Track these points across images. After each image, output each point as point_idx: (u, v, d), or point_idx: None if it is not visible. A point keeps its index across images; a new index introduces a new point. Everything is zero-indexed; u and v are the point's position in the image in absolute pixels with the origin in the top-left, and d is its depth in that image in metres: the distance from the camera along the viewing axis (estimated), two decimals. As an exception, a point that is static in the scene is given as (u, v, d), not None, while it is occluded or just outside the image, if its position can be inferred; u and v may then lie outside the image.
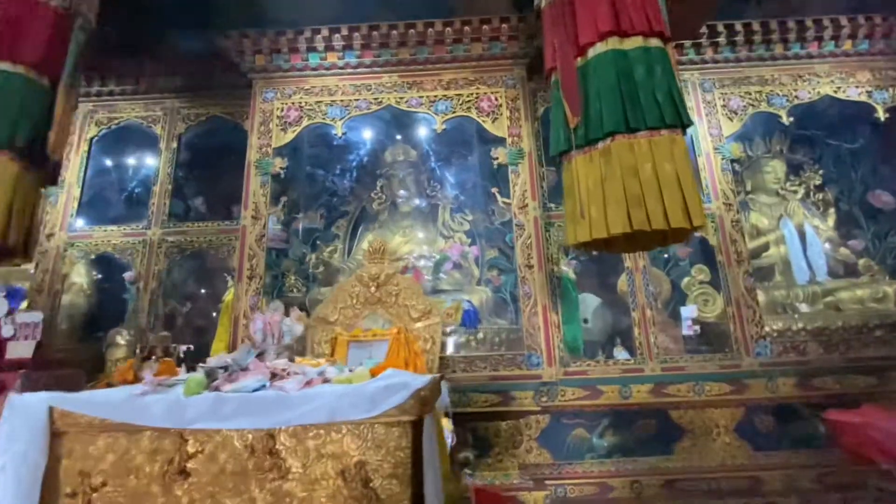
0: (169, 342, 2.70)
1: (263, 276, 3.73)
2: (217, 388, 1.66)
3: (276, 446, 1.53)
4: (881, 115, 4.07)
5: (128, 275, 4.24)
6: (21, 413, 1.57)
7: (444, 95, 4.05)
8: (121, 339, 2.91)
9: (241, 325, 3.53)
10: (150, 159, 4.74)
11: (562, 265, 3.82)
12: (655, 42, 2.26)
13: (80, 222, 4.31)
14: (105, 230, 4.26)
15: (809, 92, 4.15)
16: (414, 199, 4.80)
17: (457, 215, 4.74)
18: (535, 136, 3.99)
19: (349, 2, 4.05)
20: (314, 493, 1.49)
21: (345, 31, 3.99)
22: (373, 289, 3.06)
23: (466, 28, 3.96)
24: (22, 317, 2.93)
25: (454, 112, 4.01)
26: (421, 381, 1.61)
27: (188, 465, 1.54)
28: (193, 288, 4.90)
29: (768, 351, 3.56)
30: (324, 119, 4.04)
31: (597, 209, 2.24)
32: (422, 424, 1.56)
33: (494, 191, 4.14)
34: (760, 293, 3.80)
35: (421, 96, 4.06)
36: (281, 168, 3.98)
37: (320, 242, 4.74)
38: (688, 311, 3.82)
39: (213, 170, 4.83)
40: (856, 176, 4.67)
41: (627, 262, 3.80)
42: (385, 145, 4.84)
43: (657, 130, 2.18)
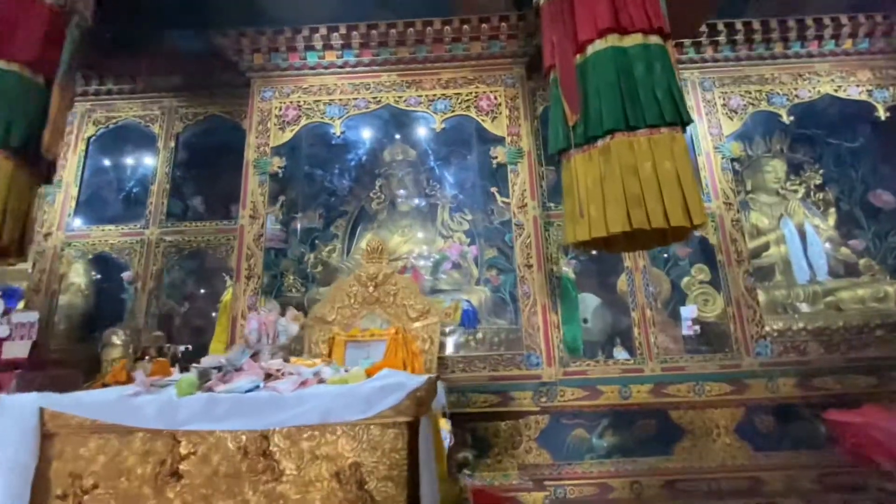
0: (163, 342, 2.68)
1: (261, 276, 3.71)
2: (210, 389, 1.64)
3: (270, 448, 1.51)
4: (882, 114, 4.05)
5: (126, 275, 4.22)
6: (11, 414, 1.55)
7: (443, 94, 4.03)
8: (116, 340, 2.89)
9: (240, 325, 3.51)
10: (147, 159, 4.72)
11: (561, 265, 3.80)
12: (655, 39, 2.24)
13: (77, 222, 4.29)
14: (103, 230, 4.24)
15: (810, 91, 4.13)
16: (413, 199, 4.78)
17: (456, 215, 4.72)
18: (534, 136, 3.97)
19: (348, 0, 4.03)
20: (308, 495, 1.47)
21: (343, 30, 3.98)
22: (371, 288, 3.04)
23: (465, 27, 3.94)
24: (18, 317, 2.91)
25: (453, 111, 3.99)
26: (417, 381, 1.59)
27: (181, 466, 1.51)
28: (192, 288, 4.89)
29: (769, 351, 3.55)
30: (322, 118, 4.02)
31: (596, 208, 2.22)
32: (418, 425, 1.54)
33: (493, 190, 4.13)
34: (761, 293, 3.79)
35: (420, 95, 4.04)
36: (279, 167, 3.96)
37: (319, 242, 4.72)
38: (688, 310, 3.81)
39: (211, 169, 4.82)
40: (856, 175, 4.66)
41: (627, 262, 3.78)
42: (384, 144, 4.82)
43: (657, 128, 2.16)
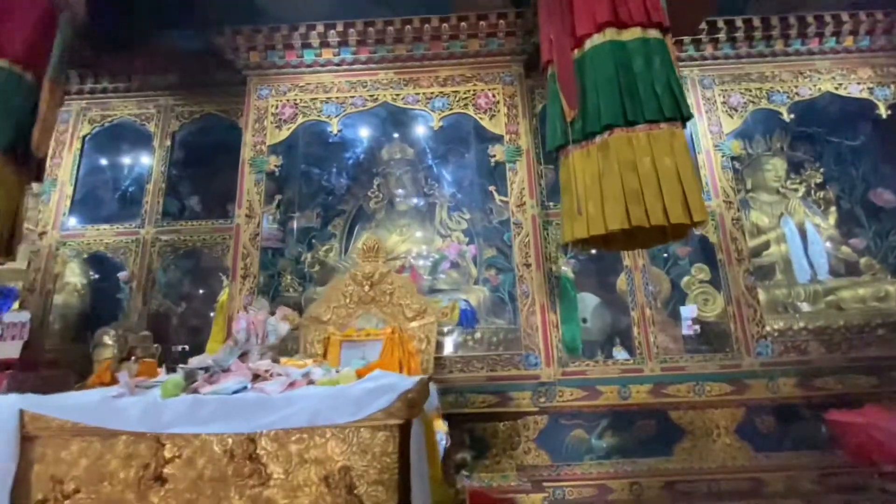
0: (150, 342, 2.64)
1: (258, 276, 3.68)
2: (196, 390, 1.60)
3: (257, 451, 1.47)
4: (882, 111, 4.03)
5: (122, 274, 4.19)
6: (-10, 416, 1.50)
7: (441, 92, 4.00)
8: (108, 340, 2.85)
9: (235, 325, 3.48)
10: (143, 157, 4.69)
11: (560, 264, 3.77)
12: (654, 33, 2.22)
13: (72, 221, 4.26)
14: (98, 229, 4.20)
15: (810, 89, 4.10)
16: (411, 198, 4.75)
17: (454, 214, 4.69)
18: (532, 134, 3.94)
19: (345, -3, 4.01)
20: (296, 499, 1.43)
21: (340, 28, 3.95)
22: (367, 288, 3.00)
23: (463, 24, 3.91)
24: (9, 317, 2.88)
25: (451, 109, 3.96)
26: (408, 382, 1.55)
27: (165, 470, 1.47)
28: (189, 287, 4.86)
29: (769, 350, 3.52)
30: (319, 116, 3.99)
31: (594, 205, 2.19)
32: (409, 428, 1.51)
33: (492, 189, 4.10)
34: (761, 292, 3.76)
35: (417, 93, 4.01)
36: (276, 166, 3.93)
37: (316, 242, 4.69)
38: (688, 310, 3.78)
39: (207, 168, 4.78)
40: (857, 174, 4.64)
41: (626, 261, 3.75)
42: (381, 143, 4.79)
43: (656, 124, 2.13)
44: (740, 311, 3.61)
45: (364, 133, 4.74)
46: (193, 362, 1.70)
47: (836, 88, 4.10)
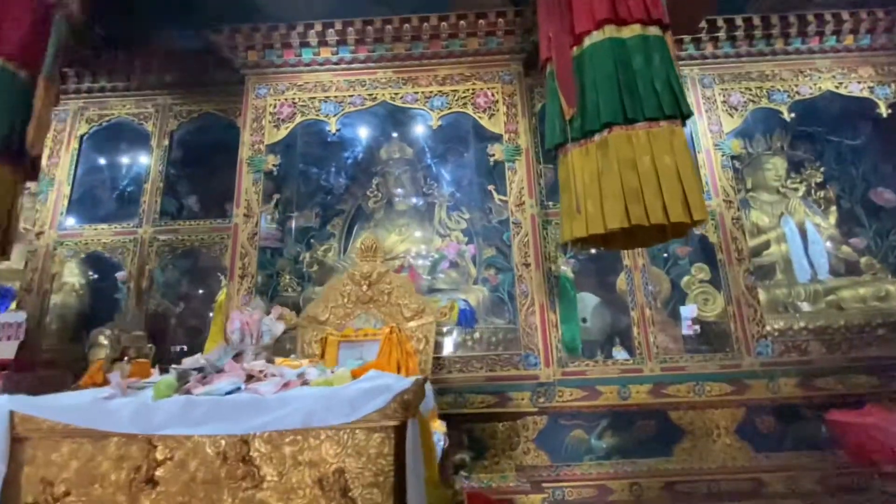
0: (144, 342, 2.61)
1: (255, 275, 3.66)
2: (189, 391, 1.58)
3: (250, 453, 1.45)
4: (883, 110, 4.01)
5: (120, 274, 4.18)
6: (-21, 418, 1.48)
7: (440, 91, 3.98)
8: (103, 340, 2.84)
9: (233, 325, 3.46)
10: (141, 157, 4.67)
11: (560, 264, 3.76)
12: (654, 30, 2.20)
13: (70, 221, 4.24)
14: (95, 228, 4.19)
15: (811, 87, 4.09)
16: (410, 198, 4.73)
17: (453, 213, 4.67)
18: (532, 133, 3.93)
19: (343, -4, 3.99)
20: (290, 502, 1.41)
21: (338, 26, 3.93)
22: (365, 287, 2.99)
23: (462, 23, 3.90)
24: (4, 317, 2.86)
25: (450, 108, 3.95)
26: (404, 383, 1.53)
27: (157, 473, 1.45)
28: (187, 287, 4.84)
29: (769, 350, 3.50)
30: (317, 115, 3.98)
31: (593, 204, 2.17)
32: (405, 429, 1.48)
33: (491, 188, 4.08)
34: (761, 292, 3.74)
35: (416, 92, 3.99)
36: (274, 165, 3.91)
37: (315, 241, 4.67)
38: (688, 310, 3.77)
39: (206, 167, 4.77)
40: (857, 173, 4.62)
41: (626, 261, 3.74)
42: (380, 142, 4.77)
43: (656, 121, 2.11)
44: (740, 311, 3.60)
45: (363, 132, 4.72)
46: (186, 363, 1.68)
47: (837, 87, 4.08)
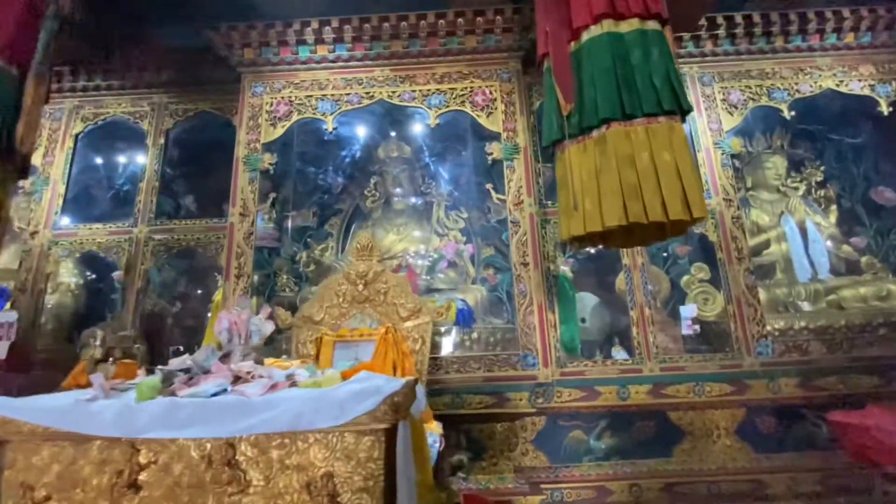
0: (130, 342, 2.58)
1: (251, 275, 3.63)
2: (173, 393, 1.53)
3: (236, 457, 1.41)
4: (884, 108, 3.98)
5: (117, 274, 4.15)
6: (-43, 421, 1.44)
7: (438, 89, 3.95)
8: (95, 340, 2.80)
9: (228, 325, 3.42)
10: (137, 156, 4.65)
11: (559, 263, 3.73)
12: (653, 24, 2.17)
13: (65, 220, 4.21)
14: (90, 228, 4.16)
15: (811, 85, 4.06)
16: (408, 197, 4.70)
17: (451, 213, 4.64)
18: (530, 131, 3.90)
19: (340, -7, 3.96)
20: (277, 508, 1.37)
21: (335, 24, 3.90)
22: (360, 287, 2.95)
23: (460, 20, 3.87)
24: (-5, 316, 2.83)
25: (448, 106, 3.92)
26: (394, 385, 1.49)
27: (140, 477, 1.42)
28: (183, 287, 4.80)
29: (770, 350, 3.47)
30: (314, 114, 3.95)
31: (591, 201, 2.14)
32: (395, 432, 1.45)
33: (489, 187, 4.05)
34: (761, 291, 3.72)
35: (414, 90, 3.96)
36: (270, 164, 3.88)
37: (312, 241, 4.64)
38: (687, 310, 3.73)
39: (202, 166, 4.74)
40: (858, 172, 4.59)
41: (625, 260, 3.71)
42: (378, 141, 4.74)
43: (654, 117, 2.08)
44: (740, 311, 3.57)
45: (360, 131, 4.68)
46: (173, 364, 1.64)
47: (837, 85, 4.05)
